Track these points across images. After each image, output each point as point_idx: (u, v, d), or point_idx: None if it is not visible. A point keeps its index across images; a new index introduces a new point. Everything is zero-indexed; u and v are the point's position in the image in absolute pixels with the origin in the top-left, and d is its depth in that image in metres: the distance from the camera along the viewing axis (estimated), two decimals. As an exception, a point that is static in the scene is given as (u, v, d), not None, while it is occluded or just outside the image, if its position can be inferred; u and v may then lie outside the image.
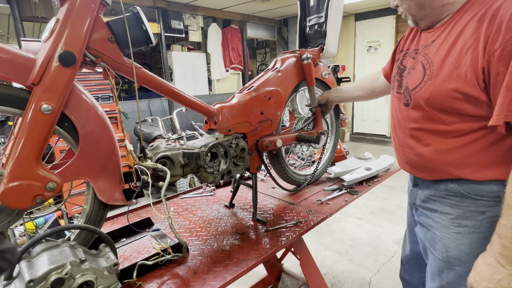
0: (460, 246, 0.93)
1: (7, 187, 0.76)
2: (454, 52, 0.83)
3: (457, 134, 0.88)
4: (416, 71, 0.95)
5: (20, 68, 0.77)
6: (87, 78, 3.58)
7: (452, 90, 0.83)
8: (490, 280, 0.76)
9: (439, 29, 0.92)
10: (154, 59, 8.86)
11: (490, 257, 0.78)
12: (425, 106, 0.90)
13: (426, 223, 1.04)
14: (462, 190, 0.91)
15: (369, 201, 3.81)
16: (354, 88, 1.54)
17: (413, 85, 0.94)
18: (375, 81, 1.43)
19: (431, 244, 1.01)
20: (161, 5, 4.94)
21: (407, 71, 1.00)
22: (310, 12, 1.70)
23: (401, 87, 1.03)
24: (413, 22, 1.00)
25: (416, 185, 1.09)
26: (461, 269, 0.94)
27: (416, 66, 0.95)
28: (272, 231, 1.24)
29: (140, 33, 0.94)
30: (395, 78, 1.08)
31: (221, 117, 1.24)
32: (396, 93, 1.06)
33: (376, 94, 1.46)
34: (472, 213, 0.91)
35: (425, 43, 0.96)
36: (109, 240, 0.91)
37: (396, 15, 6.26)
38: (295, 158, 2.17)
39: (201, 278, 0.96)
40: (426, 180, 1.01)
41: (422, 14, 0.94)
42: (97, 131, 0.90)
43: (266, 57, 8.19)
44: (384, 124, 6.87)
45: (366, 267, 2.53)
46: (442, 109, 0.87)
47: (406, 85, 0.98)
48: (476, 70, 0.78)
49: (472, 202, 0.90)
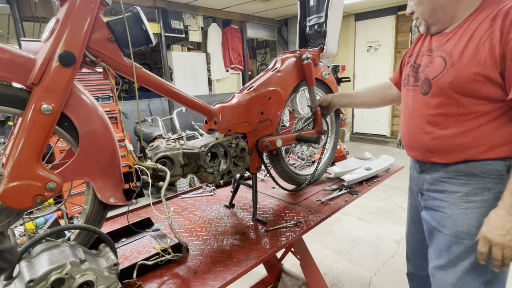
0: (469, 221, 1.01)
1: (7, 187, 0.76)
2: (472, 44, 0.96)
3: (473, 116, 0.99)
4: (434, 64, 1.05)
5: (20, 68, 0.77)
6: (87, 78, 3.58)
7: (473, 73, 0.94)
8: (502, 229, 0.90)
9: (452, 31, 1.04)
10: (154, 59, 8.86)
11: (502, 210, 0.92)
12: (447, 89, 1.00)
13: (434, 205, 1.12)
14: (472, 170, 1.01)
15: (369, 201, 3.81)
16: (362, 94, 1.57)
17: (433, 74, 1.04)
18: (387, 89, 1.48)
19: (439, 223, 1.09)
20: (161, 5, 4.94)
21: (424, 66, 1.10)
22: (310, 12, 1.70)
23: (418, 81, 1.12)
24: (425, 27, 1.12)
25: (423, 171, 1.17)
26: (469, 242, 1.01)
27: (434, 60, 1.06)
28: (272, 231, 1.24)
29: (140, 33, 0.94)
30: (410, 76, 1.17)
31: (221, 117, 1.24)
32: (411, 87, 1.16)
33: (386, 102, 1.51)
34: (480, 190, 1.01)
35: (439, 43, 1.07)
36: (109, 240, 0.91)
37: (396, 15, 6.26)
38: (295, 158, 2.17)
39: (201, 278, 0.96)
40: (436, 163, 1.09)
41: (434, 18, 1.06)
42: (97, 131, 0.90)
43: (266, 57, 8.19)
44: (384, 124, 6.87)
45: (366, 267, 2.53)
46: (462, 91, 0.98)
47: (425, 76, 1.07)
48: (495, 56, 0.91)
49: (480, 180, 1.00)
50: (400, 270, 2.46)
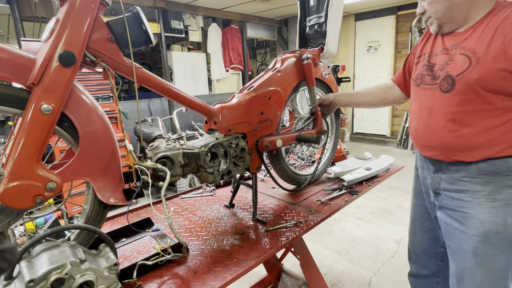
0: (496, 219, 1.01)
1: (7, 187, 0.76)
2: (497, 42, 0.96)
3: (499, 113, 0.99)
4: (456, 61, 1.05)
5: (20, 68, 0.77)
6: (87, 78, 3.58)
7: (501, 69, 0.95)
8: None
9: (467, 30, 1.05)
10: (154, 59, 8.86)
11: None
12: (475, 86, 1.00)
13: (453, 205, 1.11)
14: (493, 168, 1.01)
15: (369, 201, 3.81)
16: (364, 94, 1.57)
17: (457, 71, 1.03)
18: (389, 89, 1.48)
19: (461, 223, 1.08)
20: (161, 5, 4.94)
21: (442, 64, 1.09)
22: (310, 12, 1.70)
23: (436, 79, 1.11)
24: (437, 27, 1.11)
25: (439, 170, 1.15)
26: (497, 241, 1.01)
27: (454, 58, 1.06)
28: (272, 231, 1.24)
29: (140, 33, 0.94)
30: (425, 75, 1.16)
31: (221, 117, 1.24)
32: (427, 86, 1.14)
33: (387, 102, 1.52)
34: (504, 188, 1.01)
35: (456, 41, 1.07)
36: (109, 240, 0.91)
37: (396, 15, 6.26)
38: (295, 158, 2.17)
39: (201, 278, 0.96)
40: (457, 162, 1.08)
41: (449, 17, 1.06)
42: (97, 131, 0.90)
43: (266, 57, 8.19)
44: (384, 124, 6.88)
45: (366, 267, 2.53)
46: (489, 87, 0.98)
47: (447, 74, 1.07)
48: None
49: (502, 178, 1.01)
50: (400, 270, 2.46)
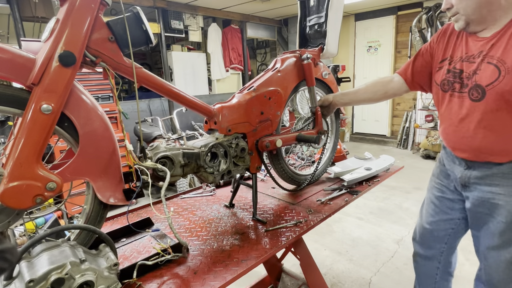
0: None
1: (7, 187, 0.76)
2: None
3: None
4: (485, 71, 1.08)
5: (20, 68, 0.77)
6: (87, 78, 3.57)
7: None
8: None
9: (493, 36, 1.08)
10: (154, 59, 8.86)
11: None
12: (505, 95, 1.04)
13: (483, 196, 1.20)
14: None
15: (369, 201, 3.81)
16: (363, 91, 1.57)
17: (487, 81, 1.07)
18: (388, 83, 1.50)
19: (490, 211, 1.19)
20: (161, 5, 4.94)
21: (471, 73, 1.13)
22: (310, 12, 1.70)
23: (464, 87, 1.15)
24: (464, 23, 1.12)
25: (470, 167, 1.23)
26: None
27: (482, 67, 1.09)
28: (272, 231, 1.24)
29: (140, 33, 0.94)
30: (453, 82, 1.20)
31: (221, 117, 1.24)
32: (457, 93, 1.19)
33: (387, 96, 1.53)
34: None
35: (482, 49, 1.10)
36: (109, 240, 0.91)
37: (396, 15, 6.26)
38: (295, 158, 2.17)
39: (201, 278, 0.96)
40: (488, 162, 1.16)
41: (478, 14, 1.07)
42: (97, 131, 0.90)
43: (266, 57, 8.18)
44: (384, 124, 6.87)
45: (366, 267, 2.53)
46: None
47: (476, 84, 1.11)
48: None
49: None
50: (400, 270, 2.46)
